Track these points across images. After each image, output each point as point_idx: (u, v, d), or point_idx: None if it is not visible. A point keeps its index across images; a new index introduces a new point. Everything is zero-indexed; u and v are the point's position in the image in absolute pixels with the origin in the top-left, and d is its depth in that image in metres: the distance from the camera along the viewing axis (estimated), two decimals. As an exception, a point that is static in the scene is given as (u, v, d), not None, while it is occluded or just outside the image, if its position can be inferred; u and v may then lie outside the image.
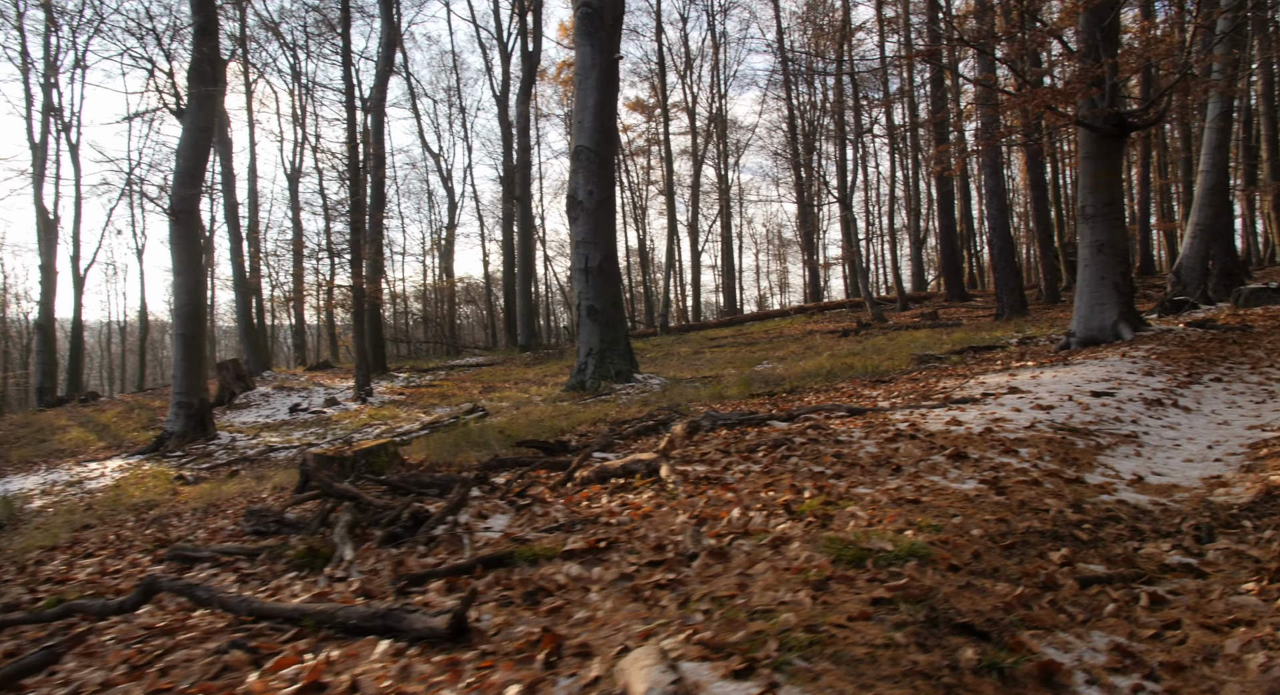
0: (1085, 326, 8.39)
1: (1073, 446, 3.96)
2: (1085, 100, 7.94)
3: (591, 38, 13.90)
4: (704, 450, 4.14)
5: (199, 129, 13.08)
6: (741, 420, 6.10)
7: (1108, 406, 4.98)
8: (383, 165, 22.44)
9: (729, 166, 44.50)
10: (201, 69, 12.86)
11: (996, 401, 5.24)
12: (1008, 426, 4.27)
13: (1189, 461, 3.92)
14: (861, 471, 3.39)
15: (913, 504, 2.78)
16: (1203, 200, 13.47)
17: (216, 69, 13.11)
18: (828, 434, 4.24)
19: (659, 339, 27.86)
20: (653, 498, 3.33)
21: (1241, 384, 6.10)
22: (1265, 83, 25.14)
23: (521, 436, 8.72)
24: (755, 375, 12.84)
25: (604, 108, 14.00)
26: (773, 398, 9.12)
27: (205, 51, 12.84)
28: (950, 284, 27.55)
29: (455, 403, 16.69)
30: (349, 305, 22.29)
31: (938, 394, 6.17)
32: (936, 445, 3.80)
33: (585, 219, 14.02)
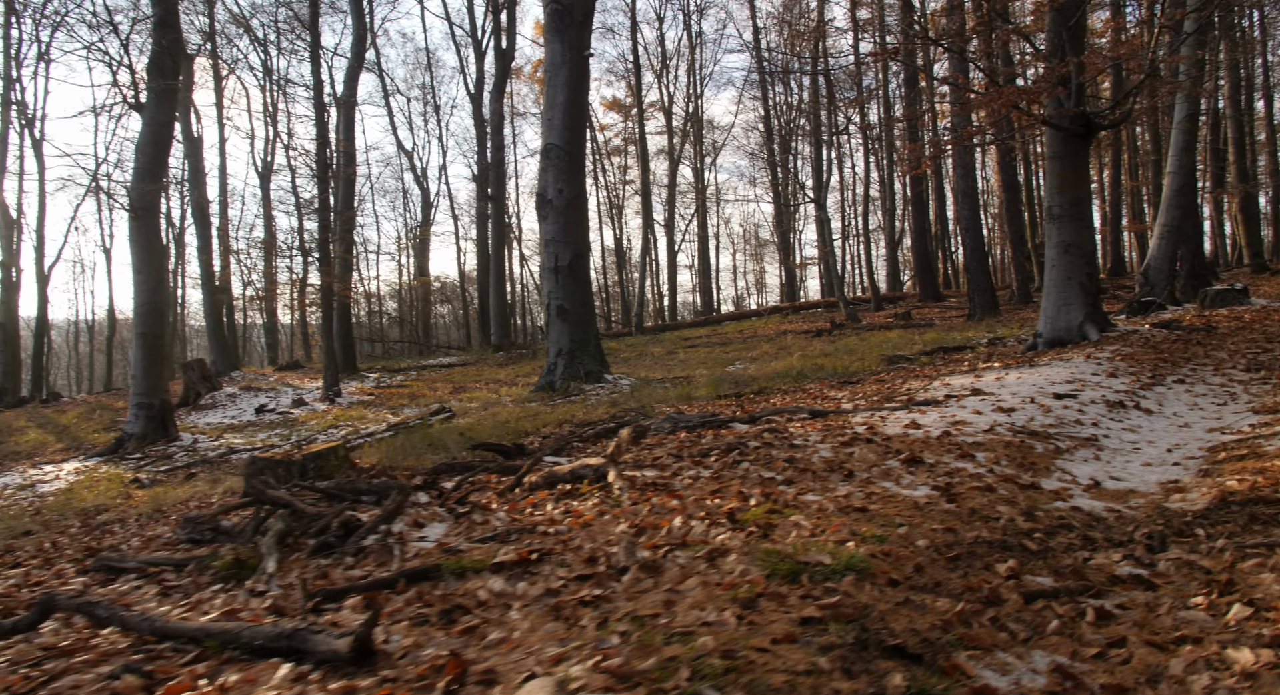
0: (1052, 327, 8.38)
1: (1031, 450, 3.88)
2: (1052, 100, 7.92)
3: (561, 35, 13.75)
4: (656, 454, 4.02)
5: (159, 124, 12.75)
6: (703, 422, 5.99)
7: (1069, 409, 4.92)
8: (353, 163, 22.12)
9: (706, 166, 44.51)
10: (161, 63, 12.54)
11: (959, 404, 5.16)
12: (967, 430, 4.18)
13: (1148, 465, 3.86)
14: (813, 477, 3.28)
15: (860, 512, 2.67)
16: (1170, 202, 13.57)
17: (177, 63, 12.80)
18: (784, 437, 4.13)
19: (633, 339, 27.73)
20: (597, 505, 3.20)
21: (1204, 385, 6.08)
22: (1232, 86, 25.52)
23: (485, 438, 8.56)
24: (726, 376, 12.76)
25: (574, 105, 13.85)
26: (740, 399, 9.03)
27: (165, 45, 12.52)
28: (924, 284, 27.69)
29: (424, 403, 16.47)
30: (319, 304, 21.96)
31: (901, 396, 6.09)
32: (892, 450, 3.71)
33: (555, 218, 13.87)
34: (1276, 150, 35.89)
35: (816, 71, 27.96)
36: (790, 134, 38.18)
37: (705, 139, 43.47)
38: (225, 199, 31.08)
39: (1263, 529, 2.47)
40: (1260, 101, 35.54)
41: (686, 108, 40.64)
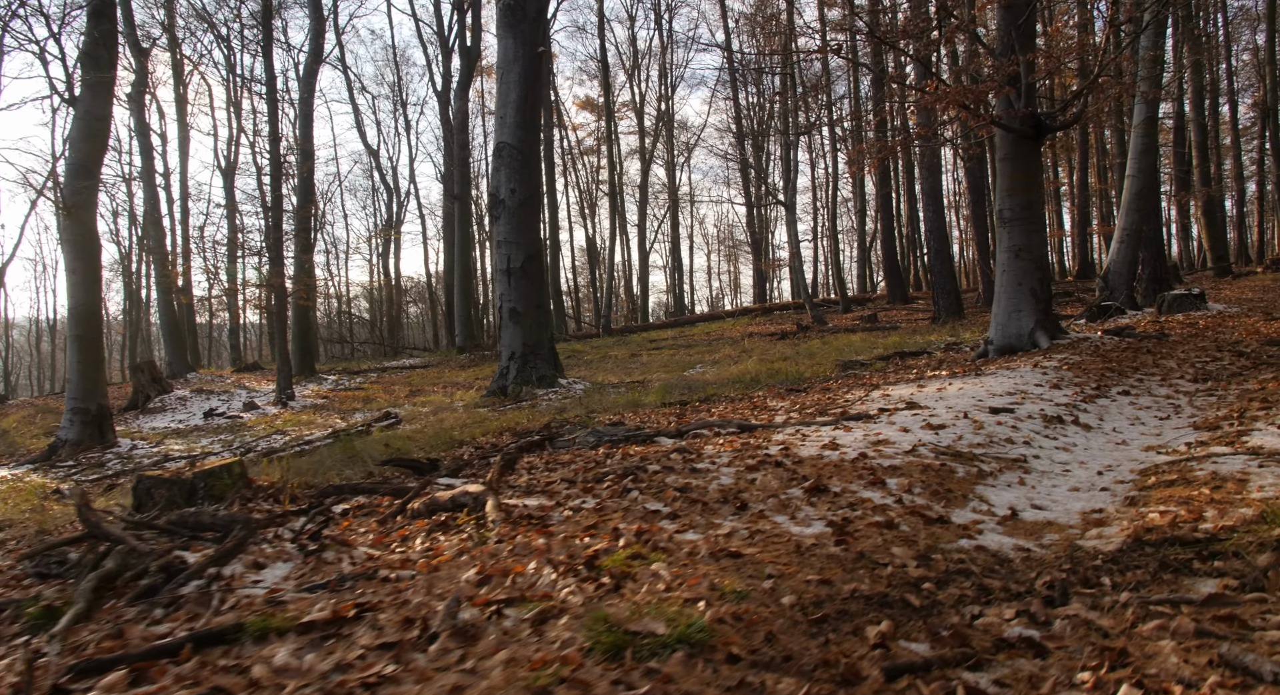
0: (1003, 334, 8.16)
1: (951, 475, 3.60)
2: (1002, 101, 7.69)
3: (514, 30, 13.40)
4: (550, 480, 3.69)
5: (94, 118, 12.22)
6: (627, 437, 5.68)
7: (1003, 425, 4.67)
8: (310, 159, 21.58)
9: (678, 166, 44.28)
10: (95, 54, 12.00)
11: (889, 419, 4.90)
12: (886, 451, 3.90)
13: (1075, 490, 3.60)
14: (701, 510, 2.98)
15: (732, 559, 2.36)
16: (1130, 205, 13.48)
17: (113, 54, 12.27)
18: (690, 459, 3.83)
19: (601, 341, 27.39)
20: (461, 542, 2.87)
21: (1149, 397, 5.86)
22: (1195, 90, 25.67)
23: (424, 447, 8.21)
24: (680, 382, 12.47)
25: (527, 102, 13.50)
26: (684, 407, 8.75)
27: (98, 35, 11.99)
28: (892, 287, 27.62)
29: (378, 407, 16.05)
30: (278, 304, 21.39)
31: (837, 408, 5.82)
32: (799, 476, 3.41)
33: (508, 218, 13.52)
34: (1240, 155, 36.34)
35: (788, 71, 27.77)
36: (762, 134, 38.05)
37: (679, 139, 43.25)
38: (186, 197, 30.36)
39: (1172, 579, 2.20)
40: (1225, 107, 35.96)
41: (658, 107, 40.39)
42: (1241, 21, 36.11)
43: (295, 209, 21.91)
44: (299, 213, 21.42)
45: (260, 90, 32.75)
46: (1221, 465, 3.53)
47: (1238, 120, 36.69)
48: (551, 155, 33.31)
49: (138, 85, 22.72)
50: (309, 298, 21.37)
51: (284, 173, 19.02)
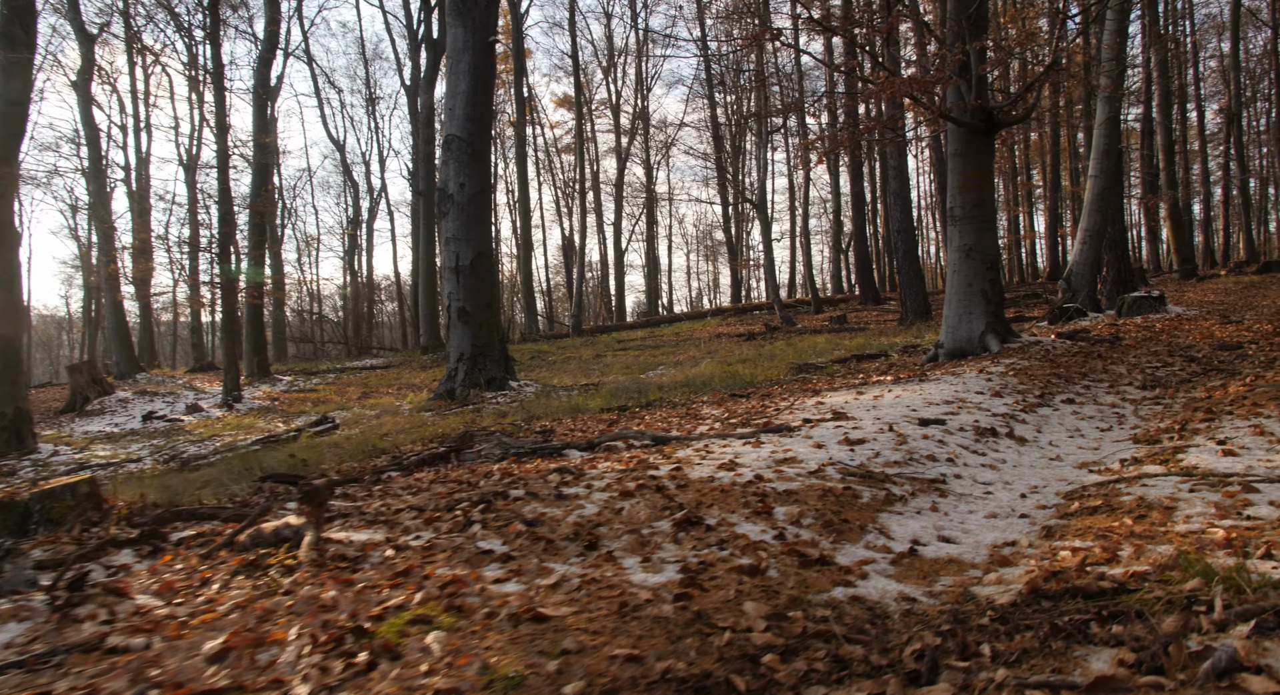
0: (953, 337, 7.80)
1: (853, 502, 3.19)
2: (953, 93, 7.33)
3: (464, 18, 12.91)
4: (399, 507, 3.23)
5: (8, 102, 11.55)
6: (534, 450, 5.24)
7: (929, 439, 4.27)
8: (267, 153, 20.89)
9: (656, 165, 43.86)
10: (9, 33, 11.33)
11: (810, 431, 4.49)
12: (788, 472, 3.48)
13: (992, 517, 3.20)
14: (543, 550, 2.54)
15: (535, 623, 1.92)
16: (1092, 205, 13.22)
17: (29, 33, 11.59)
18: (565, 482, 3.38)
19: (569, 341, 26.91)
20: (251, 590, 2.41)
21: (1094, 406, 5.51)
22: (1162, 95, 25.62)
23: (348, 455, 7.74)
24: (633, 384, 12.04)
25: (477, 94, 13.02)
26: (623, 413, 8.35)
27: (9, 12, 11.31)
28: (864, 287, 27.38)
29: (327, 409, 15.52)
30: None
31: (765, 418, 5.41)
32: (675, 504, 2.98)
33: (456, 214, 13.03)
34: (1207, 160, 36.54)
35: (760, 68, 27.41)
36: (740, 134, 37.72)
37: (656, 138, 42.85)
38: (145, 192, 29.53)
39: (1063, 648, 1.79)
40: (1193, 112, 36.14)
41: (635, 105, 39.95)
42: (1208, 29, 36.33)
43: (252, 202, 21.25)
44: (253, 207, 20.75)
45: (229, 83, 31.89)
46: (1151, 489, 3.15)
47: (1205, 126, 36.91)
48: (524, 152, 32.76)
49: (84, 73, 21.91)
50: (260, 295, 20.67)
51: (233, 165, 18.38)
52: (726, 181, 35.24)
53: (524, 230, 33.01)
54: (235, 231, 17.68)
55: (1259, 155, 38.07)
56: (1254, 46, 35.74)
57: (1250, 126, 36.83)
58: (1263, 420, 4.14)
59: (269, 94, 36.17)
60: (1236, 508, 2.78)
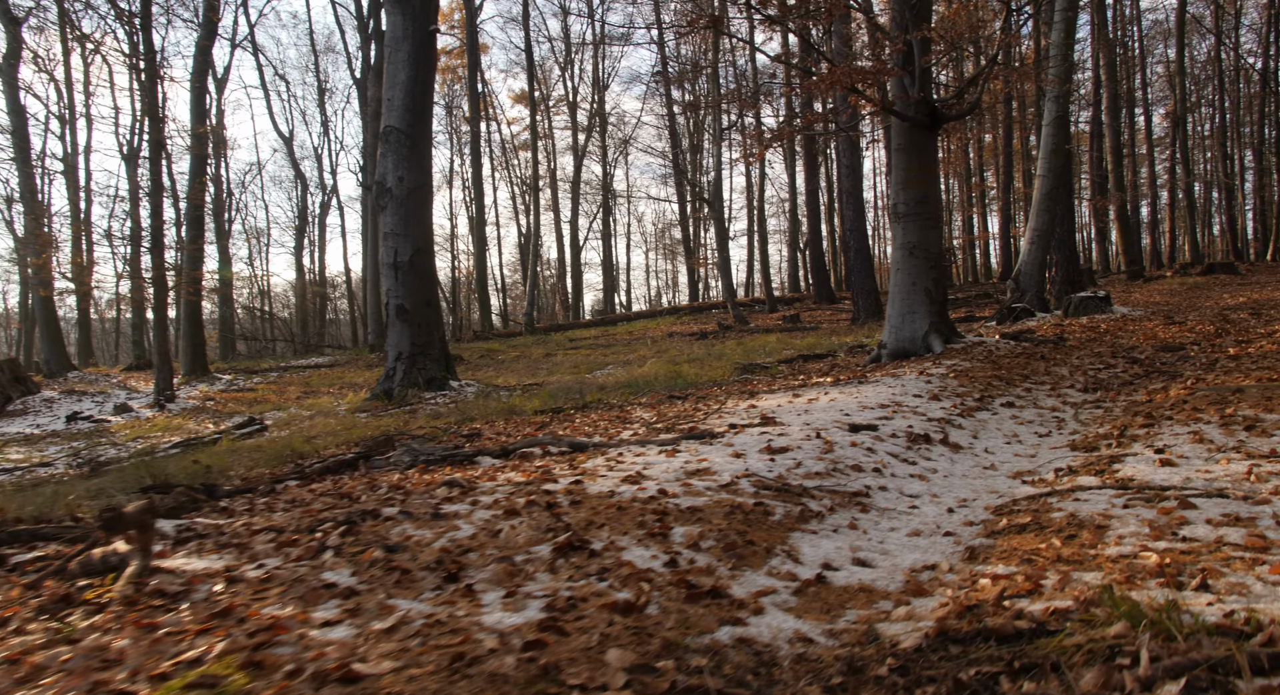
0: (896, 337, 7.61)
1: (764, 519, 2.90)
2: (896, 85, 7.12)
3: (403, 5, 12.44)
4: (258, 527, 2.86)
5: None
6: (445, 457, 4.88)
7: (858, 447, 4.01)
8: (204, 144, 20.08)
9: (612, 162, 43.52)
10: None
11: (733, 438, 4.20)
12: (697, 486, 3.18)
13: (915, 535, 2.93)
14: (396, 582, 2.19)
15: (341, 686, 1.58)
16: (1040, 205, 13.22)
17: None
18: (451, 497, 3.04)
19: (522, 339, 26.45)
20: (41, 636, 2.03)
21: (1034, 409, 5.32)
22: (1110, 98, 26.02)
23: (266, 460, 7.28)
24: (576, 384, 11.70)
25: (417, 84, 12.56)
26: (559, 415, 8.02)
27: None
28: (819, 287, 27.37)
29: (264, 409, 14.92)
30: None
31: (694, 422, 5.12)
32: (562, 525, 2.66)
33: (394, 209, 12.56)
34: (1154, 163, 37.38)
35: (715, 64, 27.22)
36: (698, 133, 37.55)
37: (617, 135, 42.50)
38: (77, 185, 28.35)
39: (966, 712, 1.52)
40: (1141, 116, 36.93)
41: (593, 102, 39.55)
42: (1155, 35, 37.15)
43: (188, 195, 20.42)
44: (190, 199, 19.94)
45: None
46: (1084, 504, 2.91)
47: (1152, 130, 37.76)
48: (479, 148, 32.17)
49: (10, 57, 20.81)
50: (197, 291, 19.87)
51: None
52: (684, 179, 35.01)
53: (478, 227, 32.39)
54: (164, 224, 16.86)
55: (1203, 160, 39.07)
56: (1198, 53, 36.63)
57: (1195, 131, 37.76)
58: (1202, 426, 3.96)
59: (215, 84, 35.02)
60: (1172, 527, 2.54)
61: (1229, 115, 35.04)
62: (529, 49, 29.63)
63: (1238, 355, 6.51)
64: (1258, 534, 2.39)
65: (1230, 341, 7.53)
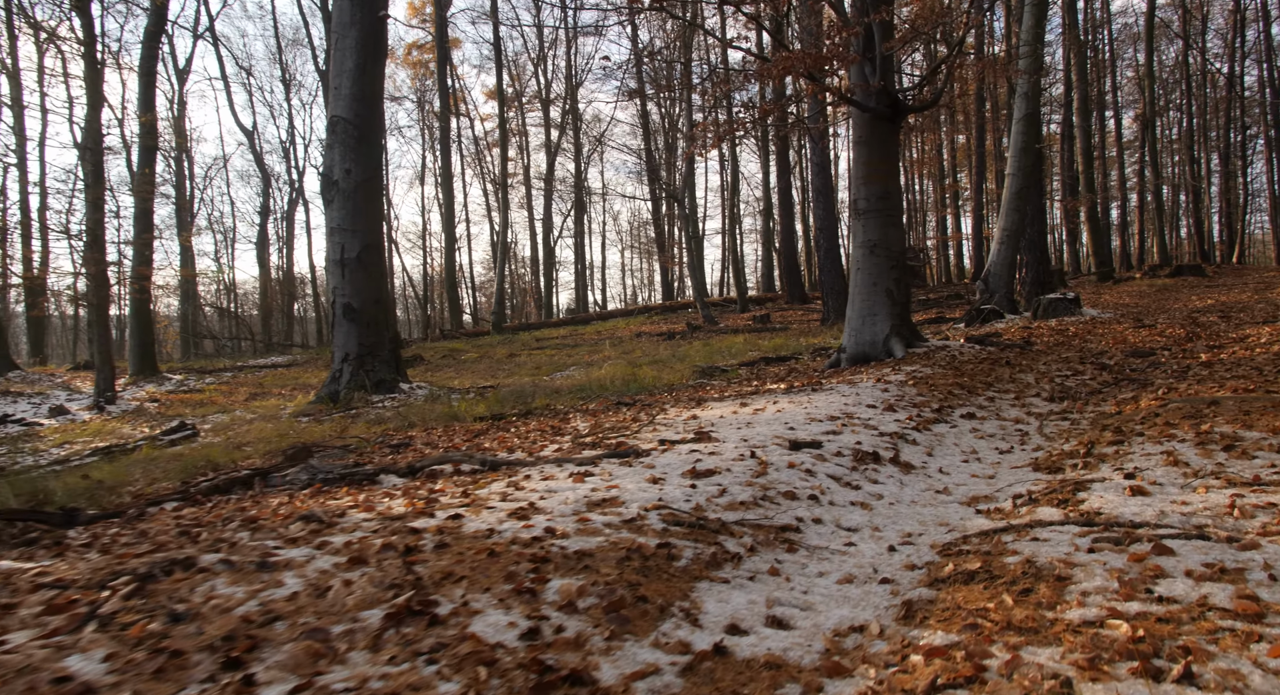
0: (856, 340, 7.19)
1: (666, 566, 2.43)
2: (856, 74, 6.69)
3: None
4: (47, 579, 2.33)
5: None
6: (345, 475, 4.37)
7: (796, 468, 3.55)
8: (153, 135, 19.27)
9: (587, 160, 42.98)
10: None
11: (658, 457, 3.73)
12: (596, 521, 2.71)
13: (846, 583, 2.48)
14: (156, 672, 1.69)
15: None
16: (1009, 205, 12.91)
17: None
18: (288, 539, 2.53)
19: (488, 338, 25.86)
20: None
21: (996, 422, 4.90)
22: (1081, 99, 25.94)
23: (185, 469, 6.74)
24: (531, 387, 11.20)
25: (365, 73, 11.98)
26: (500, 421, 7.55)
27: None
28: (791, 286, 27.05)
29: (209, 412, 14.24)
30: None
31: (627, 434, 4.65)
32: (412, 577, 2.16)
33: (342, 202, 11.97)
34: (1124, 166, 37.54)
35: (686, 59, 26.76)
36: (673, 131, 37.07)
37: (590, 132, 41.97)
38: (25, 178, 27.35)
39: None
40: (1111, 119, 37.05)
41: (566, 99, 38.97)
42: (1125, 39, 37.29)
43: (136, 187, 19.59)
44: (137, 192, 19.11)
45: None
46: (1044, 545, 2.47)
47: (1121, 133, 37.91)
48: (448, 144, 31.53)
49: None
50: (144, 289, 19.07)
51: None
52: (656, 177, 34.54)
53: (448, 224, 31.71)
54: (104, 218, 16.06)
55: (1171, 163, 39.31)
56: (1167, 57, 36.82)
57: (1163, 135, 37.95)
58: (1176, 445, 3.55)
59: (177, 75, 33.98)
60: (1145, 580, 2.11)
61: (1196, 119, 35.26)
62: (498, 43, 29.04)
63: (1210, 361, 6.16)
64: (1248, 593, 1.95)
65: (1201, 346, 7.21)
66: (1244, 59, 33.44)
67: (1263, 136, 34.26)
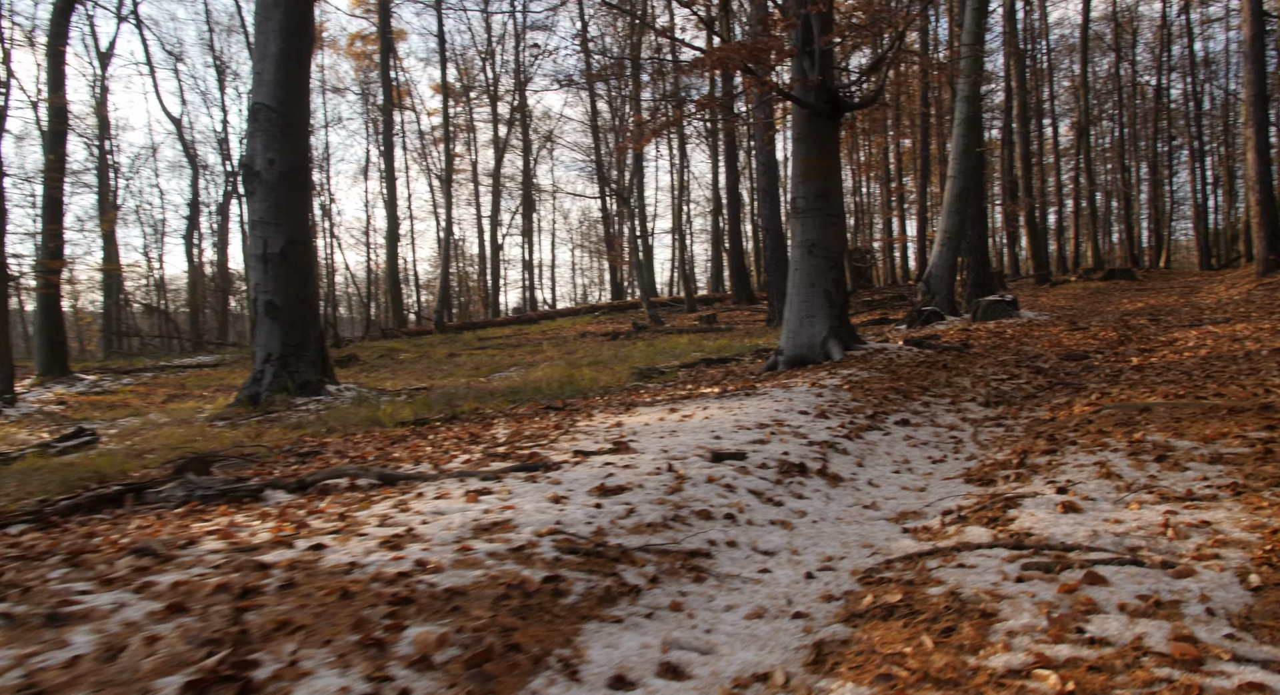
0: (794, 343, 6.99)
1: (551, 604, 2.13)
2: (795, 68, 6.49)
3: (273, -32, 11.25)
4: None
5: None
6: (225, 491, 3.97)
7: (716, 482, 3.29)
8: (62, 119, 18.20)
9: (536, 157, 42.41)
10: None
11: (568, 471, 3.43)
12: (478, 551, 2.39)
13: (756, 618, 2.21)
14: None
15: None
16: (950, 207, 12.94)
17: None
18: (111, 575, 2.17)
19: (430, 338, 25.22)
20: None
21: (931, 428, 4.73)
22: (1020, 106, 26.45)
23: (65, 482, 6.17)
24: (464, 389, 10.79)
25: (290, 58, 11.38)
26: (423, 426, 7.17)
27: None
28: (738, 286, 27.01)
29: (120, 415, 13.43)
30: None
31: (545, 442, 4.34)
32: (235, 631, 1.83)
33: (264, 194, 11.35)
34: (1061, 173, 38.55)
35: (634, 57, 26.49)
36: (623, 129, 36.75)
37: (540, 129, 41.43)
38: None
39: None
40: (1049, 127, 38.02)
41: (514, 95, 38.37)
42: (1061, 50, 38.32)
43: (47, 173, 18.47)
44: (44, 180, 18.03)
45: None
46: (970, 573, 2.24)
47: (1059, 140, 38.93)
48: (391, 138, 30.72)
49: None
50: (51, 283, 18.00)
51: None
52: (604, 175, 34.21)
53: (390, 220, 30.87)
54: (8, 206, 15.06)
55: (1104, 171, 40.49)
56: (1100, 69, 37.90)
57: (1097, 143, 39.08)
58: (1109, 455, 3.39)
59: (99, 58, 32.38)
60: (1077, 616, 1.88)
61: (1127, 129, 36.38)
62: (441, 33, 28.40)
63: (1141, 365, 6.12)
64: (1186, 633, 1.74)
65: (1133, 349, 7.21)
66: (1170, 72, 34.64)
67: (1187, 148, 35.53)
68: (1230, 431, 3.40)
